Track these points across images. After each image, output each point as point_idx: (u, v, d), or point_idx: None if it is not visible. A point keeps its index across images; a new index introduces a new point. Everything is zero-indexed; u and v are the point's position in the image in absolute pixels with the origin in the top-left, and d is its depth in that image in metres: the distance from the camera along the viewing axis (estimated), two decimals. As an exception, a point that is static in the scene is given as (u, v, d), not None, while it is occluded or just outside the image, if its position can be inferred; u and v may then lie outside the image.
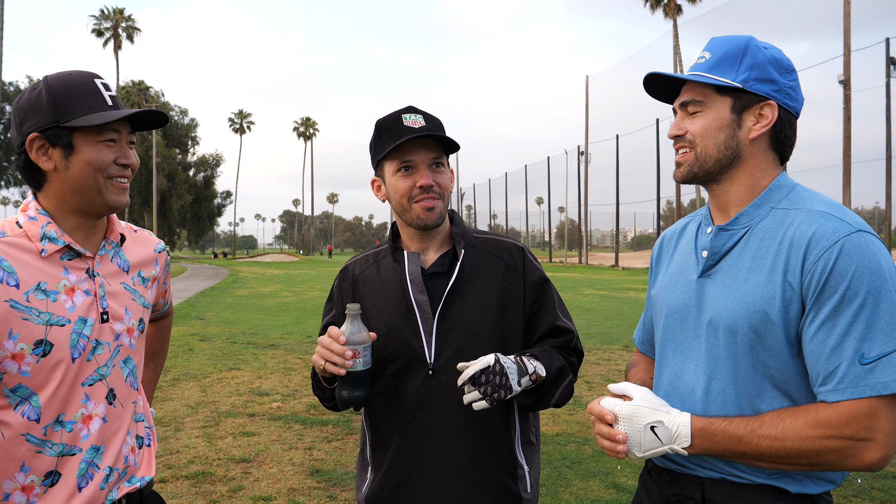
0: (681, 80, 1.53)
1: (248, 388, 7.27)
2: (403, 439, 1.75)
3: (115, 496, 1.59)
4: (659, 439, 1.40)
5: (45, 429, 1.47)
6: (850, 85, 25.62)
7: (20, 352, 1.44)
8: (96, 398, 1.54)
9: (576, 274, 31.75)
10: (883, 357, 1.25)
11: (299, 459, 4.99)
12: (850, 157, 25.65)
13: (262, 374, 8.04)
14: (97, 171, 1.53)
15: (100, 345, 1.55)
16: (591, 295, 18.95)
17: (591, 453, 5.14)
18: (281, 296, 19.37)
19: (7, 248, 1.48)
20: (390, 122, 1.74)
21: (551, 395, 1.69)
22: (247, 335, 11.19)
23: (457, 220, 1.88)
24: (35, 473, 1.47)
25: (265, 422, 5.97)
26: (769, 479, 1.38)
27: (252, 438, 5.48)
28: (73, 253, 1.56)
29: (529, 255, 1.86)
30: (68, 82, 1.54)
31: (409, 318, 1.75)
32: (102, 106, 1.53)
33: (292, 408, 6.45)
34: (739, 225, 1.47)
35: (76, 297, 1.53)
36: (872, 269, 1.28)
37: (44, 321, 1.47)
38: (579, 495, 4.33)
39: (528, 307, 1.79)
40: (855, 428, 1.25)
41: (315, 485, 4.49)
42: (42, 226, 1.53)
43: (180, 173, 65.49)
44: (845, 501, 4.18)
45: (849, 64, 25.58)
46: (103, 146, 1.53)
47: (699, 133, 1.47)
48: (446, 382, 1.71)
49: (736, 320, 1.39)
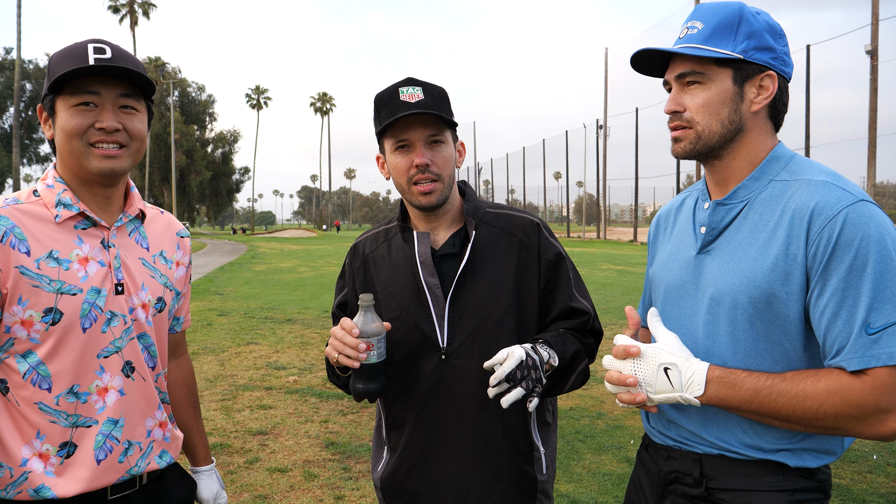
0: (669, 54, 1.46)
1: (265, 362, 7.37)
2: (417, 423, 1.72)
3: (139, 470, 1.58)
4: (671, 383, 1.36)
5: (58, 398, 1.47)
6: (878, 55, 24.95)
7: (29, 318, 1.44)
8: (112, 370, 1.53)
9: (594, 249, 31.61)
10: (889, 327, 1.23)
11: (315, 432, 5.06)
12: (876, 129, 25.07)
13: (279, 348, 8.14)
14: (72, 137, 1.48)
15: (115, 317, 1.53)
16: (609, 270, 18.86)
17: (605, 427, 5.15)
18: (299, 271, 19.53)
19: (20, 214, 1.47)
20: (387, 97, 1.66)
21: (564, 382, 1.65)
22: (265, 310, 11.31)
23: (469, 194, 1.81)
24: (49, 443, 1.47)
25: (282, 395, 6.06)
26: (767, 455, 1.37)
27: (269, 411, 5.57)
28: (89, 222, 1.54)
29: (545, 230, 1.78)
30: (64, 51, 1.51)
31: (420, 301, 1.70)
32: (80, 66, 1.44)
33: (308, 381, 6.54)
34: (738, 199, 1.44)
35: (90, 267, 1.51)
36: (877, 239, 1.26)
37: (54, 289, 1.45)
38: (591, 469, 4.35)
39: (542, 286, 1.72)
40: (877, 398, 1.23)
41: (330, 457, 4.56)
42: (58, 193, 1.52)
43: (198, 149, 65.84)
44: (860, 477, 4.16)
45: (876, 33, 24.86)
46: (75, 111, 1.47)
47: (701, 108, 1.41)
48: (460, 367, 1.67)
49: (736, 295, 1.37)
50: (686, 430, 1.47)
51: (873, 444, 4.72)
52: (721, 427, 1.41)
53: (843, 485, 4.04)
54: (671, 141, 1.49)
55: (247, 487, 4.05)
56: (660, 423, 1.54)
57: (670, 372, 1.36)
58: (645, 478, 1.59)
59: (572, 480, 4.17)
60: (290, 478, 4.21)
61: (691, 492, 1.45)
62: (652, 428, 1.58)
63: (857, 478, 4.16)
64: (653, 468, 1.56)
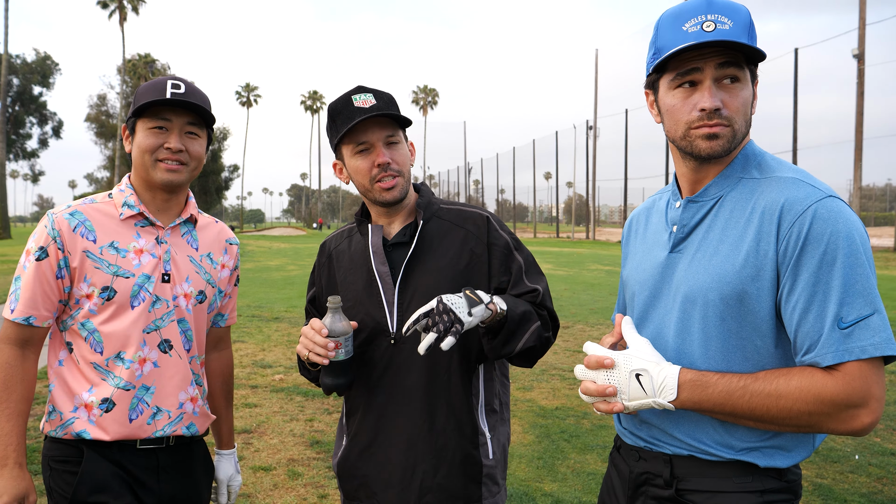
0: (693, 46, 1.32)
1: (251, 361, 7.33)
2: (368, 408, 1.81)
3: (165, 433, 1.87)
4: (643, 389, 1.36)
5: (108, 361, 1.81)
6: (865, 59, 25.17)
7: (90, 293, 1.81)
8: (150, 345, 1.85)
9: (582, 249, 31.70)
10: (860, 321, 1.24)
11: (300, 431, 5.04)
12: (863, 132, 25.30)
13: (265, 346, 8.10)
14: (144, 153, 1.85)
15: (159, 300, 1.86)
16: (598, 270, 18.92)
17: (590, 427, 5.17)
18: (287, 269, 19.45)
19: (92, 211, 1.86)
20: (341, 105, 1.77)
21: (519, 338, 1.65)
22: (252, 308, 11.26)
23: (423, 191, 1.91)
24: (96, 397, 1.80)
25: (267, 393, 6.03)
26: (737, 455, 1.38)
27: (254, 409, 5.54)
28: (147, 221, 1.90)
29: (495, 223, 1.85)
30: (149, 83, 1.87)
31: (372, 289, 1.80)
32: (158, 98, 1.81)
33: (294, 380, 6.51)
34: (708, 196, 1.44)
35: (143, 258, 1.86)
36: (846, 234, 1.26)
37: (112, 272, 1.82)
38: (576, 468, 4.36)
39: (493, 275, 1.78)
40: (850, 394, 1.23)
41: (314, 455, 4.55)
42: (126, 196, 1.90)
43: (187, 146, 65.20)
44: (842, 477, 4.20)
45: (863, 37, 25.08)
46: (150, 132, 1.84)
47: (739, 108, 1.35)
48: (408, 350, 1.75)
49: (707, 292, 1.37)
50: (657, 429, 1.46)
51: (855, 445, 4.77)
52: (693, 425, 1.41)
53: (826, 484, 4.08)
54: (703, 138, 1.36)
55: (230, 486, 4.02)
56: (631, 424, 1.54)
57: (642, 378, 1.36)
58: (617, 479, 1.59)
59: (557, 480, 4.18)
60: (273, 476, 4.19)
61: (662, 493, 1.45)
62: (623, 429, 1.58)
63: (839, 478, 4.19)
64: (624, 469, 1.56)
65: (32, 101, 58.54)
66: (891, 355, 1.25)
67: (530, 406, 5.76)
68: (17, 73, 56.33)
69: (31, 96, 58.37)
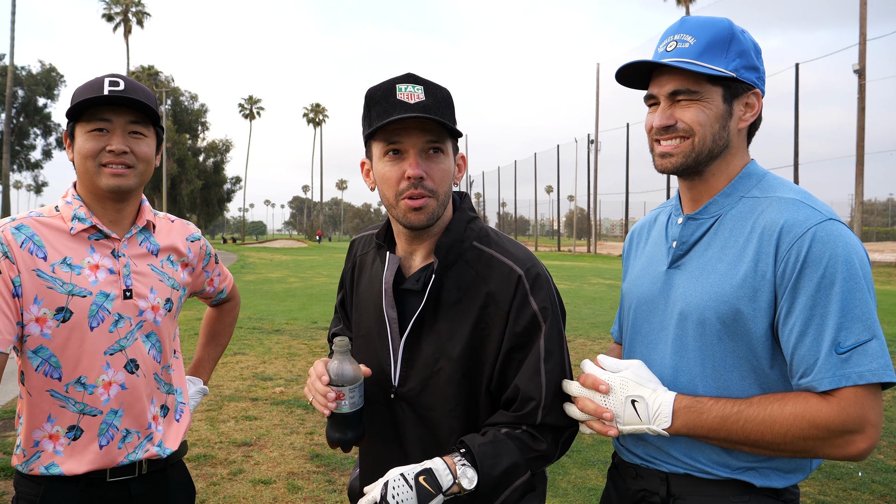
0: (653, 66, 1.44)
1: (251, 373, 7.31)
2: (368, 453, 1.65)
3: (136, 457, 1.73)
4: (638, 416, 1.36)
5: (67, 387, 1.65)
6: (866, 74, 25.27)
7: (43, 316, 1.62)
8: (116, 367, 1.69)
9: (584, 263, 31.67)
10: (858, 346, 1.24)
11: (300, 444, 5.02)
12: (864, 147, 25.35)
13: (266, 359, 8.08)
14: (86, 159, 1.67)
15: (122, 318, 1.70)
16: (599, 284, 18.89)
17: (591, 442, 5.14)
18: (288, 281, 19.44)
19: (40, 225, 1.68)
20: (382, 94, 1.43)
21: (493, 499, 1.42)
22: (252, 320, 11.25)
23: (456, 219, 1.53)
24: (60, 425, 1.66)
25: (267, 406, 6.01)
26: (734, 474, 1.37)
27: (254, 422, 5.52)
28: (100, 234, 1.72)
29: (527, 284, 1.47)
30: (85, 84, 1.70)
31: (381, 330, 1.57)
32: (95, 96, 1.64)
33: (295, 393, 6.49)
34: (708, 214, 1.45)
35: (99, 273, 1.69)
36: (845, 258, 1.26)
37: (66, 291, 1.64)
38: (577, 483, 4.34)
39: (504, 351, 1.47)
40: (845, 420, 1.23)
41: (314, 469, 4.52)
42: (75, 209, 1.72)
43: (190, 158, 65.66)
44: (845, 494, 4.17)
45: (864, 53, 25.21)
46: (91, 136, 1.67)
47: (696, 121, 1.39)
48: (408, 410, 1.54)
49: (704, 310, 1.37)
50: (654, 447, 1.46)
51: (858, 462, 4.73)
52: (689, 443, 1.41)
53: (828, 502, 4.05)
54: (657, 157, 1.45)
55: (230, 499, 4.01)
56: (629, 442, 1.54)
57: (637, 405, 1.36)
58: (615, 495, 1.59)
59: (557, 495, 4.16)
60: (273, 490, 4.16)
61: None
62: (621, 446, 1.57)
63: (842, 495, 4.16)
64: (622, 486, 1.56)
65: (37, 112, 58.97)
66: (889, 381, 1.24)
67: (531, 420, 5.74)
68: (23, 84, 56.73)
69: (36, 108, 58.81)
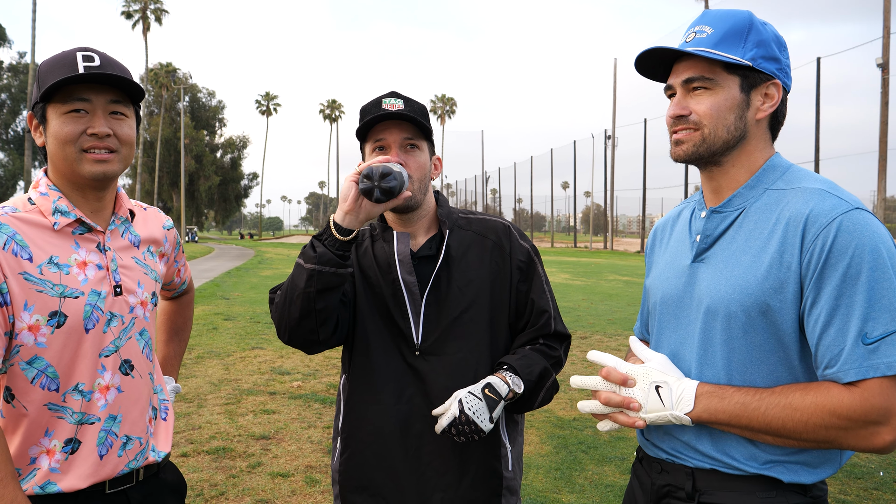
0: (675, 56, 1.45)
1: (269, 367, 7.37)
2: (389, 417, 1.76)
3: (137, 465, 1.63)
4: (662, 402, 1.36)
5: (65, 396, 1.52)
6: (889, 69, 24.87)
7: (36, 323, 1.47)
8: (111, 369, 1.57)
9: (600, 259, 31.52)
10: (886, 337, 1.21)
11: (317, 438, 5.06)
12: (887, 142, 24.95)
13: (283, 353, 8.14)
14: (66, 144, 1.51)
15: (114, 317, 1.58)
16: (615, 280, 18.80)
17: (608, 438, 5.13)
18: (305, 277, 19.55)
19: (19, 223, 1.50)
20: (371, 106, 1.78)
21: (533, 401, 1.75)
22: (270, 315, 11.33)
23: (441, 201, 1.91)
24: (57, 438, 1.51)
25: (285, 400, 6.06)
26: (761, 469, 1.35)
27: (272, 416, 5.57)
28: (85, 227, 1.58)
29: (516, 232, 1.89)
30: (52, 59, 1.53)
31: (396, 298, 1.78)
32: (70, 75, 1.47)
33: (312, 387, 6.54)
34: (732, 207, 1.44)
35: (88, 271, 1.55)
36: (872, 247, 1.24)
37: (58, 293, 1.49)
38: (594, 480, 4.33)
39: (514, 286, 1.83)
40: (868, 410, 1.21)
41: (332, 463, 4.55)
42: (54, 200, 1.55)
43: (208, 155, 66.23)
44: (866, 494, 4.12)
45: (888, 46, 24.82)
46: (68, 118, 1.51)
47: (708, 113, 1.40)
48: (433, 363, 1.75)
49: (730, 304, 1.36)
50: (680, 442, 1.45)
51: (879, 461, 4.68)
52: (716, 436, 1.40)
53: (849, 501, 4.00)
54: (672, 144, 1.47)
55: (248, 492, 4.05)
56: (654, 436, 1.53)
57: (661, 390, 1.37)
58: (639, 490, 1.58)
59: (574, 491, 4.15)
60: (291, 483, 4.20)
61: None
62: (646, 440, 1.57)
63: (862, 494, 4.12)
64: (646, 481, 1.55)
65: (58, 109, 59.56)
66: None
67: (548, 417, 5.73)
68: (44, 81, 57.37)
69: (57, 105, 59.39)
